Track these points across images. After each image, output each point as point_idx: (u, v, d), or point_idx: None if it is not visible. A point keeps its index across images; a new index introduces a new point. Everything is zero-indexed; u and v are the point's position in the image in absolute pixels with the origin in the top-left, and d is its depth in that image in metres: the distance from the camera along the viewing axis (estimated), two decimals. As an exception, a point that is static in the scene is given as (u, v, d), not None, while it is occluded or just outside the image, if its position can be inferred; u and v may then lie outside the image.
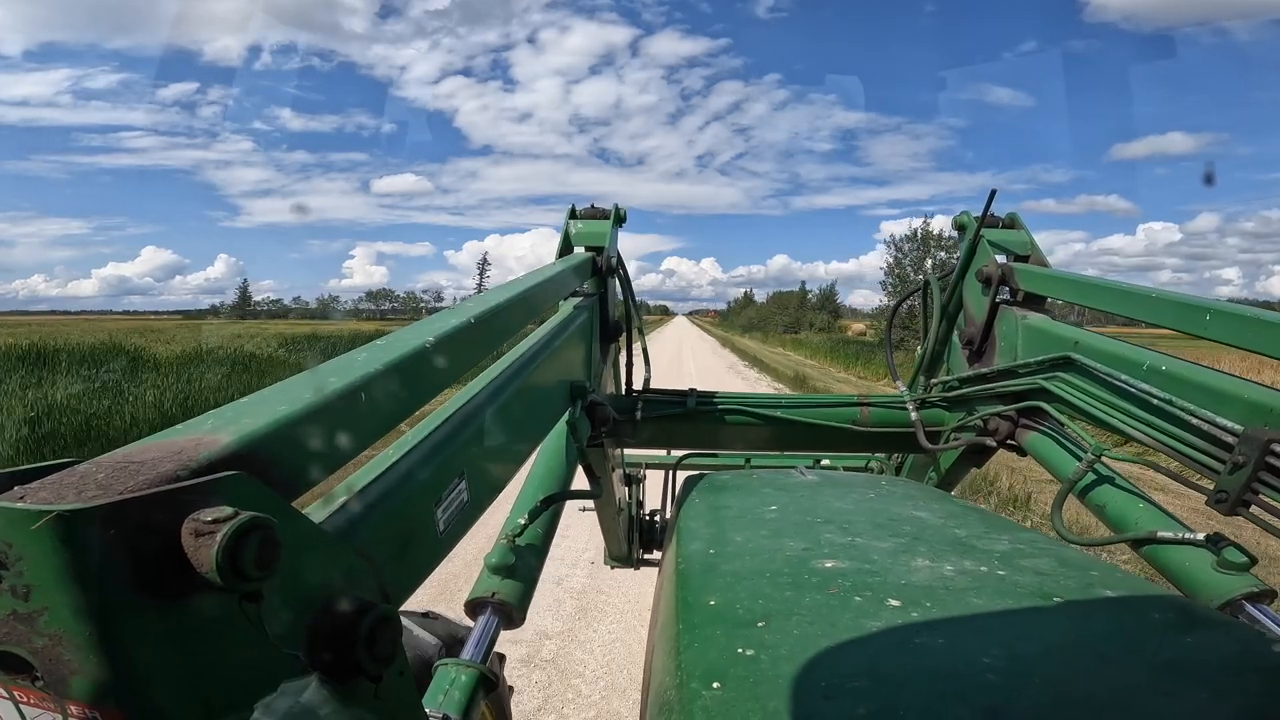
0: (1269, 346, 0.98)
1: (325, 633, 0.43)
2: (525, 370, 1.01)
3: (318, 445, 0.49)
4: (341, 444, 0.51)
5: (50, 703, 0.33)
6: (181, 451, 0.40)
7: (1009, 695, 0.56)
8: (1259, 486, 0.92)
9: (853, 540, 0.91)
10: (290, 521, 0.41)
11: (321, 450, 0.49)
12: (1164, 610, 0.74)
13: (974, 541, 0.91)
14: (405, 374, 0.62)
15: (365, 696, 0.46)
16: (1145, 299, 1.26)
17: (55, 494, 0.35)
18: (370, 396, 0.56)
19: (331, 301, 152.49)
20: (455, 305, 0.95)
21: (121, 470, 0.37)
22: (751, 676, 0.59)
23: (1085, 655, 0.63)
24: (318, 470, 0.49)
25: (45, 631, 0.31)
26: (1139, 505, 1.16)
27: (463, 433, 0.77)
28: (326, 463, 0.50)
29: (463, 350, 0.77)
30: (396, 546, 0.60)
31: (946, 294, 1.86)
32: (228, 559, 0.34)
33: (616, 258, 1.79)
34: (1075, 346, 1.34)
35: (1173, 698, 0.57)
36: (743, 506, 1.10)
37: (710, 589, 0.77)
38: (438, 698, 0.83)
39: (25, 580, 0.31)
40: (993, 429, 1.55)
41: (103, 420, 9.23)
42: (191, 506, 0.35)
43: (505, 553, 1.01)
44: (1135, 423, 1.15)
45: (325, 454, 0.49)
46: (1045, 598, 0.74)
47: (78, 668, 0.32)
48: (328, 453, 0.50)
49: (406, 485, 0.63)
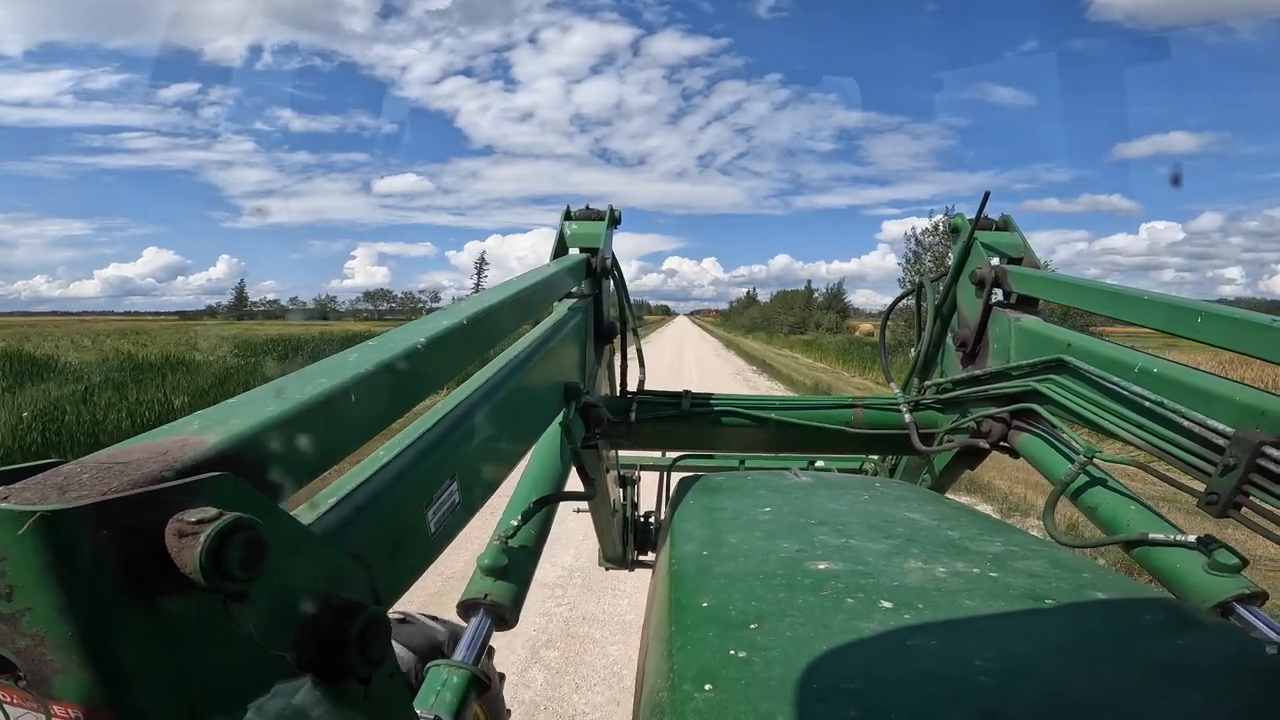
0: (1260, 349, 0.98)
1: (315, 634, 0.43)
2: (519, 371, 1.01)
3: (306, 446, 0.48)
4: (330, 445, 0.51)
5: (33, 703, 0.33)
6: (167, 452, 0.40)
7: (1002, 697, 0.56)
8: (1250, 489, 0.92)
9: (846, 542, 0.91)
10: (277, 523, 0.41)
11: (310, 451, 0.49)
12: (1156, 612, 0.74)
13: (967, 543, 0.91)
14: (396, 375, 0.62)
15: (356, 698, 0.45)
16: (1137, 301, 1.26)
17: (39, 494, 0.35)
18: (360, 397, 0.55)
19: (329, 302, 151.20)
20: (449, 306, 0.95)
21: (106, 471, 0.37)
22: (744, 678, 0.59)
23: (1077, 657, 0.63)
24: (306, 472, 0.48)
25: (28, 632, 0.31)
26: (1131, 507, 1.16)
27: (455, 434, 0.76)
28: (315, 464, 0.49)
29: (455, 351, 0.77)
30: (387, 548, 0.60)
31: (940, 296, 1.87)
32: (211, 560, 0.33)
33: (611, 259, 1.79)
34: (1068, 349, 1.35)
35: (1165, 699, 0.57)
36: (737, 508, 1.10)
37: (703, 590, 0.77)
38: (429, 699, 0.83)
39: (8, 580, 0.31)
40: (986, 431, 1.55)
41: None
42: (176, 507, 0.35)
43: (498, 554, 1.01)
44: (1127, 425, 1.15)
45: (314, 455, 0.49)
46: (1038, 599, 0.74)
47: (61, 668, 0.31)
48: (316, 454, 0.49)
49: (397, 487, 0.63)
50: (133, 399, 11.17)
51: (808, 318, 75.41)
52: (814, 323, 70.61)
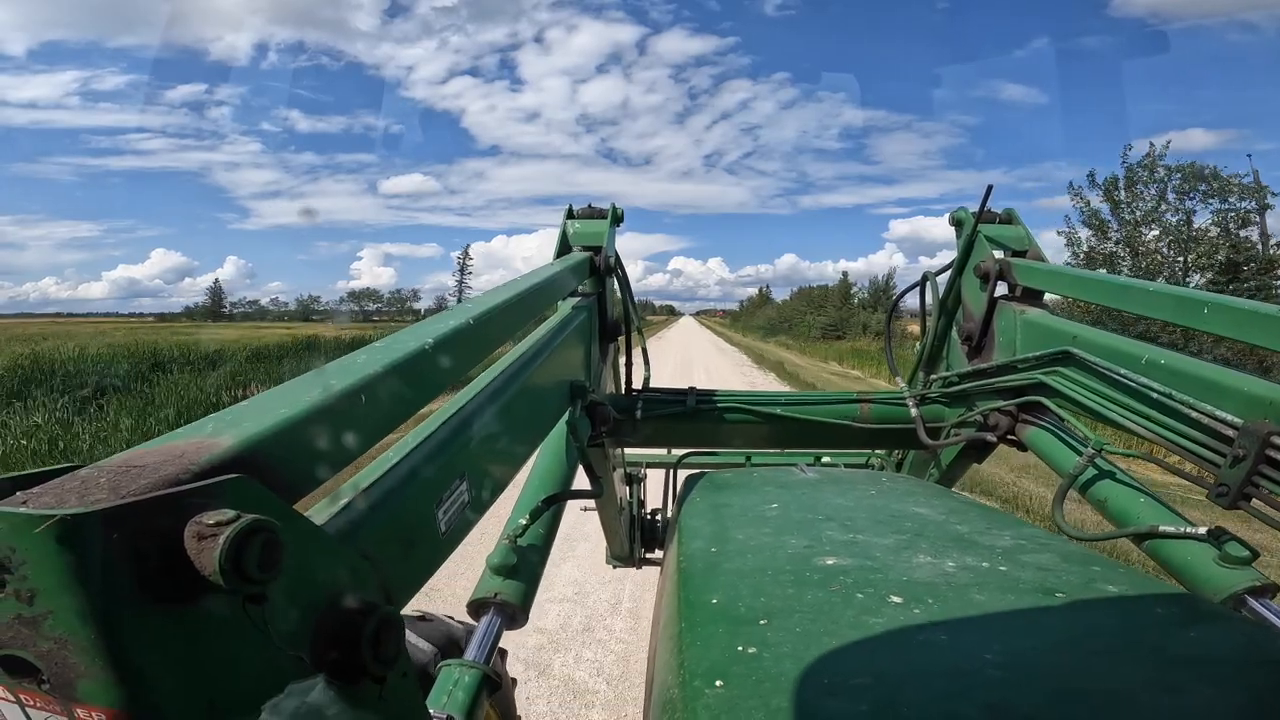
0: (1266, 339, 0.98)
1: (329, 634, 0.43)
2: (525, 371, 1.01)
3: (319, 447, 0.49)
4: (342, 446, 0.51)
5: (56, 705, 0.33)
6: (183, 455, 0.40)
7: (1012, 691, 0.56)
8: (1259, 480, 0.92)
9: (854, 537, 0.91)
10: (292, 524, 0.41)
11: (322, 452, 0.49)
12: (1166, 605, 0.74)
13: (975, 537, 0.91)
14: (405, 375, 0.62)
15: (370, 697, 0.46)
16: (1142, 293, 1.26)
17: (57, 498, 0.35)
18: (370, 398, 0.56)
19: (311, 302, 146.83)
20: (452, 307, 0.96)
21: (123, 474, 0.37)
22: (754, 674, 0.59)
23: (1088, 650, 0.63)
24: (319, 473, 0.49)
25: (50, 635, 0.32)
26: (1140, 500, 1.16)
27: (463, 434, 0.77)
28: (327, 465, 0.50)
29: (462, 351, 0.77)
30: (398, 548, 0.60)
31: (944, 290, 1.86)
32: (230, 562, 0.34)
33: (615, 257, 1.80)
34: (1074, 341, 1.34)
35: (1176, 693, 0.57)
36: (744, 504, 1.10)
37: (712, 587, 0.77)
38: (441, 698, 0.83)
39: (29, 584, 0.31)
40: (993, 424, 1.55)
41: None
42: (194, 510, 0.35)
43: (507, 553, 1.01)
44: (1135, 417, 1.15)
45: (326, 456, 0.49)
46: (1047, 593, 0.74)
47: (83, 671, 0.32)
48: (328, 455, 0.50)
49: (408, 487, 0.64)
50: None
51: (848, 317, 57.99)
52: (859, 324, 53.18)
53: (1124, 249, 17.84)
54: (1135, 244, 17.67)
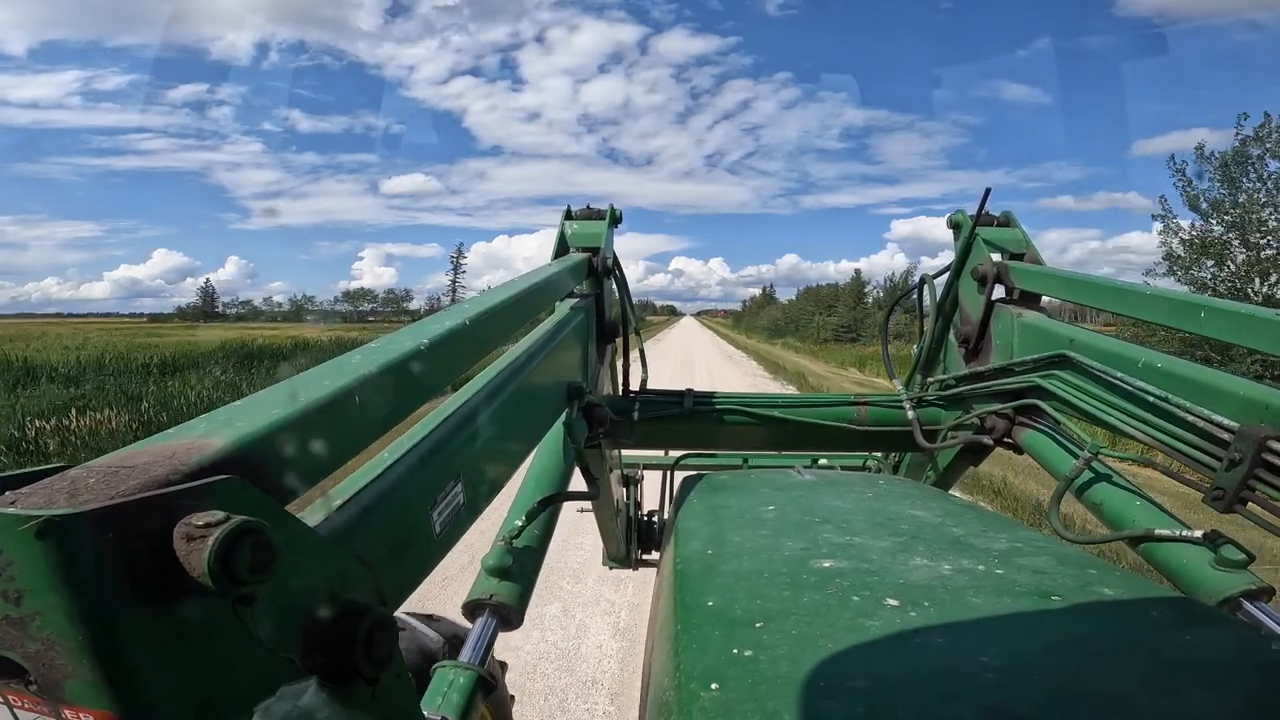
0: (1263, 343, 0.98)
1: (322, 636, 0.43)
2: (521, 372, 1.01)
3: (312, 449, 0.48)
4: (335, 447, 0.51)
5: (44, 707, 0.33)
6: (174, 455, 0.40)
7: (1008, 693, 0.56)
8: (1255, 484, 0.92)
9: (851, 540, 0.91)
10: (283, 525, 0.41)
11: (315, 454, 0.49)
12: (1162, 608, 0.74)
13: (972, 540, 0.91)
14: (399, 377, 0.62)
15: (363, 699, 0.46)
16: (1140, 296, 1.26)
17: (46, 499, 0.35)
18: (364, 400, 0.56)
19: (305, 302, 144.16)
20: (448, 307, 0.95)
21: (113, 475, 0.37)
22: (750, 677, 0.59)
23: (1084, 653, 0.63)
24: (312, 474, 0.48)
25: (38, 636, 0.31)
26: (1136, 503, 1.16)
27: (459, 435, 0.76)
28: (320, 466, 0.49)
29: (458, 352, 0.77)
30: (392, 549, 0.60)
31: (942, 292, 1.87)
32: (220, 563, 0.33)
33: (612, 258, 1.79)
34: (1071, 344, 1.34)
35: (1172, 695, 0.57)
36: (741, 506, 1.10)
37: (709, 589, 0.77)
38: (436, 700, 0.83)
39: (17, 585, 0.31)
40: (989, 427, 1.55)
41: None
42: (183, 511, 0.35)
43: (503, 554, 1.01)
44: (1131, 420, 1.15)
45: (319, 457, 0.49)
46: (1043, 596, 0.74)
47: (71, 672, 0.31)
48: (321, 456, 0.49)
49: (402, 488, 0.63)
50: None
51: (862, 318, 55.85)
52: (876, 325, 47.73)
53: (1234, 234, 14.94)
54: (1249, 229, 14.55)
